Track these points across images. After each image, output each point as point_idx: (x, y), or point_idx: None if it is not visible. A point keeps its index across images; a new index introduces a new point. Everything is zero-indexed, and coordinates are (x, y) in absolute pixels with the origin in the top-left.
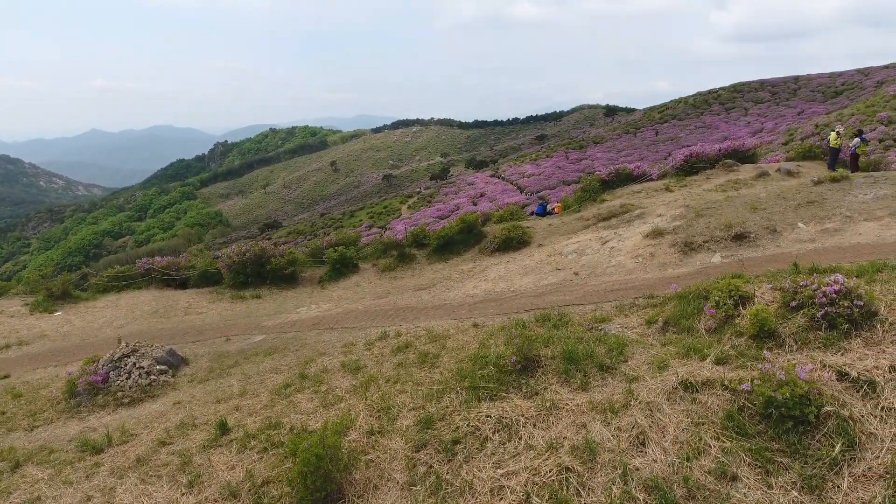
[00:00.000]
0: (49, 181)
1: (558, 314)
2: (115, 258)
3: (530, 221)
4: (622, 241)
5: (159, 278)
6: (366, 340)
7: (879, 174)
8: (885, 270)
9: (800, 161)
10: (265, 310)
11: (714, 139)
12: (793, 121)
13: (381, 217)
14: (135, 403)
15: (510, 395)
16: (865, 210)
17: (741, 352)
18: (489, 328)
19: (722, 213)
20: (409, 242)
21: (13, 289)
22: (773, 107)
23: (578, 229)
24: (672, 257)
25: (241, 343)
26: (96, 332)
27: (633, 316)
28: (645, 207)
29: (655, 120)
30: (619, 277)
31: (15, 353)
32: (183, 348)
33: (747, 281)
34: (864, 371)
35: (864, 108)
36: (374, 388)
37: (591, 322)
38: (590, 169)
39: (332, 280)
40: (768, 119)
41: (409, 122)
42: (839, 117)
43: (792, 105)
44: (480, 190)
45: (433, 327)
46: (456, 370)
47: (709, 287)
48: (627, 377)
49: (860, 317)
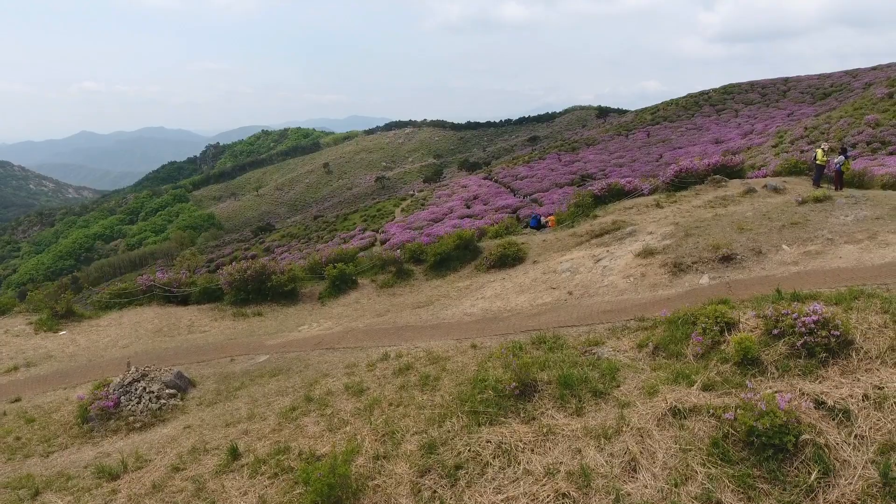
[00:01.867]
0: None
1: (553, 336)
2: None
3: (525, 237)
4: (614, 259)
5: (161, 295)
6: (368, 361)
7: (860, 194)
8: (861, 298)
9: (786, 176)
10: (267, 328)
11: (705, 141)
12: (783, 122)
13: (375, 220)
14: (146, 428)
15: (509, 420)
16: (846, 233)
17: (726, 378)
18: (487, 350)
19: (710, 233)
20: (406, 258)
21: (17, 306)
22: (763, 108)
23: (572, 246)
24: (662, 278)
25: (245, 363)
26: (102, 352)
27: (625, 339)
28: (636, 224)
29: (647, 122)
30: (612, 298)
31: (23, 375)
32: (189, 369)
33: (733, 307)
34: (839, 399)
35: (852, 111)
36: (378, 412)
37: (585, 345)
38: (582, 171)
39: (332, 297)
40: (758, 120)
41: (401, 123)
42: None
43: (782, 106)
44: (474, 192)
45: (433, 348)
46: (456, 393)
47: (696, 313)
48: (620, 402)
49: (837, 346)
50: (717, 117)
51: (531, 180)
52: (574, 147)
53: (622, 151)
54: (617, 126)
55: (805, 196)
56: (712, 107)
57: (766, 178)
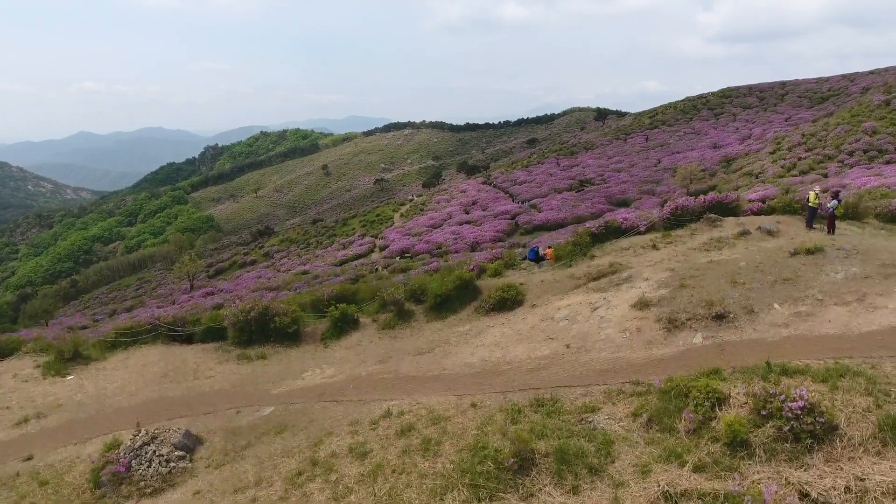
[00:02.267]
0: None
1: (551, 399)
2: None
3: (523, 273)
4: (611, 308)
5: (166, 333)
6: (371, 418)
7: (851, 247)
8: (847, 376)
9: (780, 215)
10: (271, 374)
11: (703, 145)
12: (780, 127)
13: (374, 226)
14: (157, 493)
15: (508, 496)
16: (835, 293)
17: (716, 459)
18: (487, 410)
19: (704, 285)
20: (407, 296)
21: (24, 346)
22: (761, 112)
23: (570, 289)
24: (657, 334)
25: (251, 416)
26: (110, 399)
27: (620, 404)
28: (633, 268)
29: (645, 126)
30: (608, 355)
31: (34, 428)
32: (196, 422)
33: (724, 378)
34: (822, 491)
35: (850, 118)
36: (382, 479)
37: (582, 411)
38: (581, 176)
39: (334, 338)
40: (756, 125)
41: (400, 124)
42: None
43: (779, 111)
44: (473, 197)
45: (434, 406)
46: (457, 461)
47: (689, 385)
48: (615, 481)
49: (822, 432)
50: (716, 121)
51: (530, 185)
52: (573, 151)
53: (620, 156)
54: (615, 130)
55: (797, 246)
56: (710, 111)
57: (761, 216)
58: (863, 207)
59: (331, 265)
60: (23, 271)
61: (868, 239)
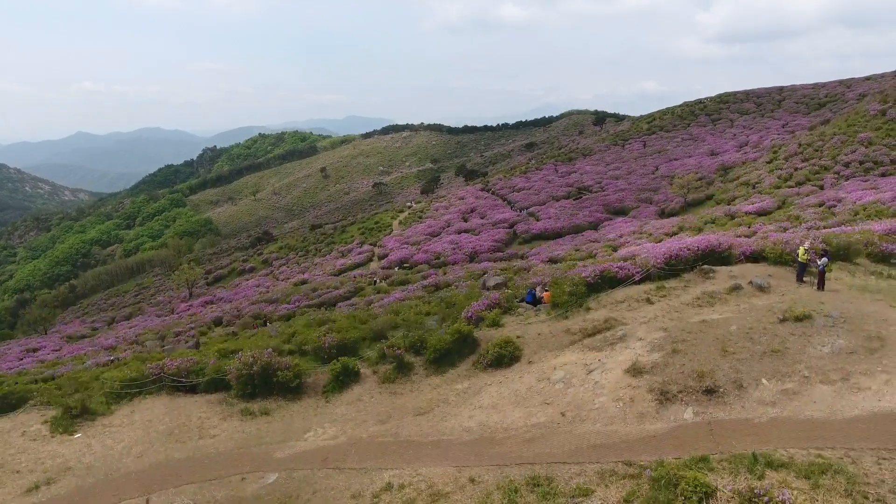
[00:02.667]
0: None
1: (546, 477)
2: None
3: (520, 326)
4: (605, 372)
5: (170, 384)
6: (372, 490)
7: (839, 314)
8: (828, 473)
9: (771, 266)
10: (274, 432)
11: (701, 153)
12: (777, 134)
13: (373, 233)
14: None
15: None
16: (821, 369)
17: None
18: (485, 485)
19: (696, 351)
20: (407, 347)
21: (30, 399)
22: (759, 118)
23: (566, 345)
24: (650, 406)
25: (255, 484)
26: (117, 462)
27: (613, 488)
28: (627, 324)
29: (643, 131)
30: (602, 427)
31: (45, 496)
32: (202, 491)
33: (712, 468)
34: None
35: (846, 127)
36: None
37: (576, 493)
38: (579, 183)
39: (336, 391)
40: (753, 132)
41: (398, 127)
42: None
43: (777, 117)
44: (471, 205)
45: (433, 480)
46: None
47: (678, 475)
48: None
49: None
50: (713, 127)
51: (528, 192)
52: (571, 157)
53: (618, 163)
54: (613, 135)
55: (787, 309)
56: (708, 116)
57: (753, 264)
58: (853, 249)
59: (329, 274)
60: (21, 275)
61: (856, 299)
